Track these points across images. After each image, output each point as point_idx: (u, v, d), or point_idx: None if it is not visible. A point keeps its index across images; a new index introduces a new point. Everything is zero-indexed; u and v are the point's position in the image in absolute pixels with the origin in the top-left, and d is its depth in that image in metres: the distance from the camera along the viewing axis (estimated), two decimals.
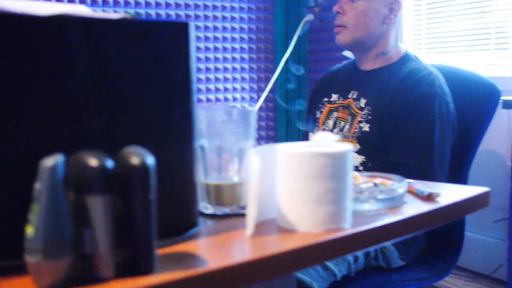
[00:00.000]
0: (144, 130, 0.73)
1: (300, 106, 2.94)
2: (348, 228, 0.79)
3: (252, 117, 0.90)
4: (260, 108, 3.38)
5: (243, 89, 3.32)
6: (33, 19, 0.66)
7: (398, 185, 0.94)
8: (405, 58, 1.78)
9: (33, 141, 0.66)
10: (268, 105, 3.45)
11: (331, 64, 2.07)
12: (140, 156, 0.62)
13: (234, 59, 3.27)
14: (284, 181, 0.80)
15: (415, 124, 1.62)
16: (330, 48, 3.30)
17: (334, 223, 0.78)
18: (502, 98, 2.20)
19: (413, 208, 0.92)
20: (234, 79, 3.28)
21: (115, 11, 2.66)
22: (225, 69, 3.24)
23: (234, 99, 3.29)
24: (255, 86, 3.37)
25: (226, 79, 3.25)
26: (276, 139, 3.49)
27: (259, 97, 3.34)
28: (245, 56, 3.32)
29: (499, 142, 2.63)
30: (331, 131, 1.81)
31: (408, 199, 0.97)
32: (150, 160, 0.63)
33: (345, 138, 1.74)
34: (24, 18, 0.65)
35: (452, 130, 1.69)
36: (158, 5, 2.97)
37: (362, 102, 1.74)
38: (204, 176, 0.90)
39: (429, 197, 0.95)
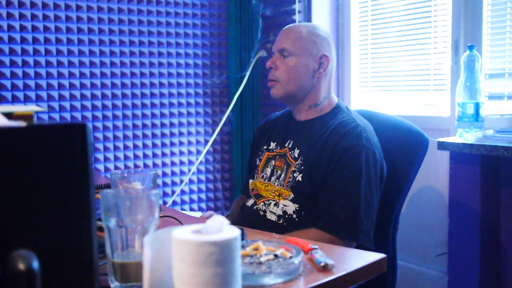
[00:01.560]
0: (40, 226, 0.79)
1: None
2: None
3: (157, 199, 0.97)
4: (215, 141, 3.45)
5: (197, 123, 3.39)
6: None
7: (295, 258, 1.01)
8: (337, 110, 1.86)
9: None
10: (223, 138, 3.52)
11: None
12: (26, 261, 0.68)
13: (188, 94, 3.34)
14: (177, 265, 0.86)
15: (342, 174, 1.70)
16: None
17: None
18: (438, 139, 2.31)
19: (308, 280, 0.99)
20: (189, 113, 3.35)
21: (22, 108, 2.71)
22: (180, 104, 3.30)
23: (189, 133, 3.36)
24: (209, 120, 3.45)
25: (181, 114, 3.31)
26: (231, 171, 3.56)
27: (213, 130, 3.41)
28: (200, 91, 3.39)
29: (439, 181, 2.73)
30: (269, 179, 1.87)
31: (306, 269, 1.05)
32: (36, 264, 0.69)
33: (281, 186, 1.81)
34: None
35: (380, 179, 1.77)
36: (141, 33, 3.04)
37: (296, 152, 1.82)
38: (111, 254, 0.96)
39: (325, 268, 1.03)
